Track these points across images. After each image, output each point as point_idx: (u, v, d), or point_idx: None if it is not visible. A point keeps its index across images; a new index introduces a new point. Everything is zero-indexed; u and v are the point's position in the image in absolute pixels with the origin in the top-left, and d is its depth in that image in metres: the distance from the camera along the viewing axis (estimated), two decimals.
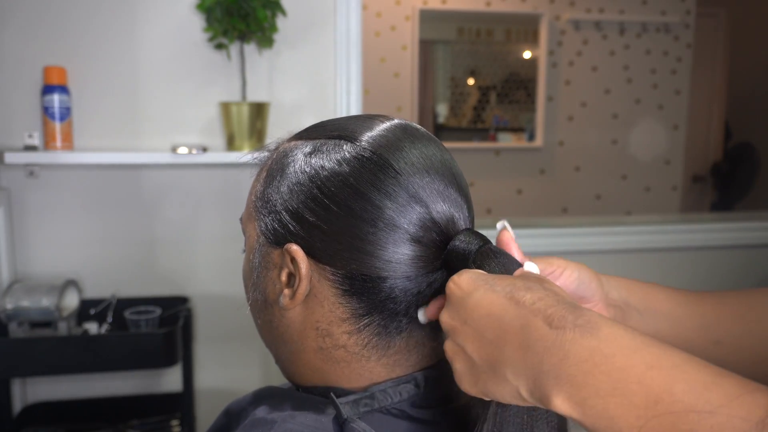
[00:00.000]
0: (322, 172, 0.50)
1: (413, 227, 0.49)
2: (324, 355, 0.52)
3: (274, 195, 0.52)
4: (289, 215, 0.51)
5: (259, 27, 1.49)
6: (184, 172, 1.62)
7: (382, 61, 3.53)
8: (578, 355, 0.38)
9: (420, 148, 0.51)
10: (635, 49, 3.70)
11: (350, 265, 0.49)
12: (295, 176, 0.51)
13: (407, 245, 0.49)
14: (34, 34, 1.49)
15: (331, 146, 0.51)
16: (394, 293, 0.50)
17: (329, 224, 0.49)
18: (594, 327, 0.38)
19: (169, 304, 1.57)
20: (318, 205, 0.49)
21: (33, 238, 1.56)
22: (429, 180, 0.50)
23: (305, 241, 0.50)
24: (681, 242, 1.96)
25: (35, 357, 1.36)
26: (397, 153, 0.50)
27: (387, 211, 0.48)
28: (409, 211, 0.49)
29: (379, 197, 0.48)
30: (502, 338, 0.41)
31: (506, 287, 0.43)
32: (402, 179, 0.49)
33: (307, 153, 0.52)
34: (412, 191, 0.49)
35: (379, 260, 0.49)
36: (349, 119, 0.55)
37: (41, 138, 1.50)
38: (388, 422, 0.50)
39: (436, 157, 0.52)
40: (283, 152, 0.54)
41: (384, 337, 0.52)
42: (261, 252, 0.54)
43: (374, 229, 0.48)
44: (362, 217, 0.48)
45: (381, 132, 0.52)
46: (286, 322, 0.53)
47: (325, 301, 0.51)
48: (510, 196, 3.74)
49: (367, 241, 0.48)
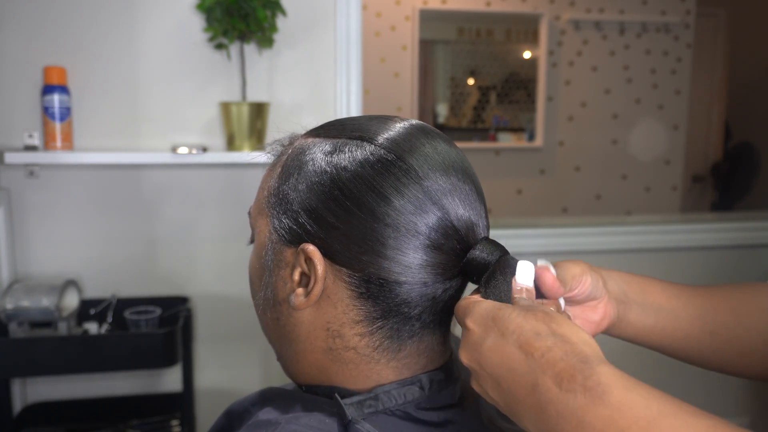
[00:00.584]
0: (344, 174, 0.49)
1: (434, 233, 0.48)
2: (333, 355, 0.52)
3: (291, 193, 0.51)
4: (307, 215, 0.50)
5: (259, 27, 1.49)
6: (184, 172, 1.62)
7: (382, 61, 3.53)
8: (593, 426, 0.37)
9: (441, 154, 0.51)
10: (635, 49, 3.70)
11: (368, 268, 0.49)
12: (315, 176, 0.50)
13: (427, 251, 0.48)
14: (34, 34, 1.49)
15: (353, 147, 0.50)
16: (409, 298, 0.50)
17: (349, 226, 0.48)
18: (605, 391, 0.37)
19: (169, 304, 1.57)
20: (339, 206, 0.49)
21: (33, 238, 1.56)
22: (451, 187, 0.49)
23: (323, 242, 0.49)
24: (681, 242, 1.96)
25: (35, 357, 1.36)
26: (420, 158, 0.50)
27: (409, 215, 0.48)
28: (431, 217, 0.48)
29: (402, 202, 0.48)
30: (516, 392, 0.42)
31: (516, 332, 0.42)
32: (425, 184, 0.48)
33: (327, 152, 0.51)
34: (435, 198, 0.48)
35: (398, 265, 0.48)
36: (368, 120, 0.54)
37: (41, 138, 1.50)
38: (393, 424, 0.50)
39: (457, 162, 0.52)
40: (300, 149, 0.53)
41: (396, 341, 0.51)
42: (273, 249, 0.53)
43: (396, 233, 0.48)
44: (384, 221, 0.48)
45: (402, 135, 0.51)
46: (293, 321, 0.53)
47: (339, 302, 0.50)
48: (510, 196, 3.74)
49: (387, 246, 0.48)
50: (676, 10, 3.70)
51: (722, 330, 0.62)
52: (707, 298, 0.63)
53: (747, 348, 0.61)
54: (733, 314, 0.62)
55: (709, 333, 0.62)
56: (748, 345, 0.61)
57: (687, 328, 0.62)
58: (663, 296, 0.62)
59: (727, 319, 0.62)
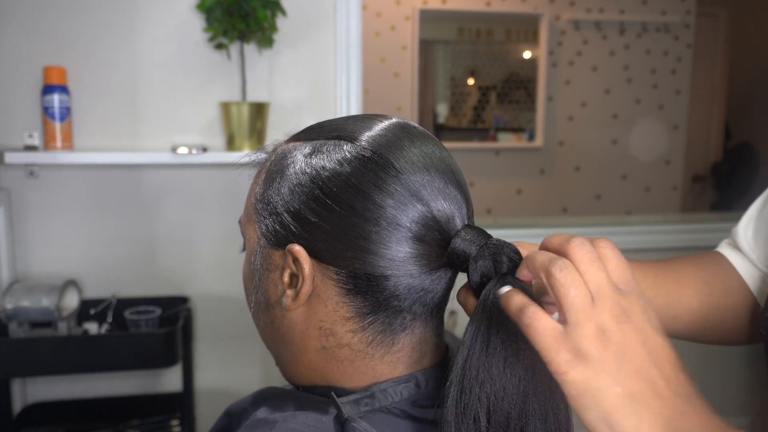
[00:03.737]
0: (323, 173, 0.50)
1: (415, 225, 0.49)
2: (327, 354, 0.53)
3: (274, 197, 0.52)
4: (290, 216, 0.51)
5: (259, 27, 1.49)
6: (184, 172, 1.62)
7: (382, 61, 3.53)
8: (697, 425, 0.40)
9: (419, 147, 0.52)
10: (635, 49, 3.70)
11: (354, 264, 0.49)
12: (296, 177, 0.51)
13: (410, 243, 0.49)
14: (34, 34, 1.49)
15: (331, 147, 0.51)
16: (397, 291, 0.50)
17: (332, 224, 0.49)
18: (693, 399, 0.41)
19: (169, 304, 1.57)
20: (320, 205, 0.49)
21: (33, 238, 1.56)
22: (429, 178, 0.50)
23: (308, 241, 0.50)
24: (681, 242, 1.96)
25: (35, 357, 1.36)
26: (397, 152, 0.50)
27: (389, 209, 0.48)
28: (411, 209, 0.49)
29: (381, 196, 0.48)
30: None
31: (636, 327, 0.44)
32: (403, 178, 0.49)
33: (307, 154, 0.52)
34: (413, 190, 0.49)
35: (382, 259, 0.49)
36: (347, 119, 0.55)
37: (41, 138, 1.50)
38: (389, 422, 0.50)
39: (435, 155, 0.52)
40: (281, 154, 0.54)
41: (388, 335, 0.52)
42: (262, 254, 0.54)
43: (377, 228, 0.48)
44: (365, 216, 0.48)
45: (380, 131, 0.52)
46: (287, 323, 0.54)
47: (328, 300, 0.51)
48: (510, 196, 3.74)
49: (370, 240, 0.49)
50: (676, 10, 3.71)
51: (685, 315, 0.69)
52: (676, 284, 0.69)
53: (707, 328, 0.69)
54: (697, 297, 0.69)
55: (671, 317, 0.68)
56: (708, 325, 0.69)
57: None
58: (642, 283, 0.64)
59: (691, 302, 0.69)
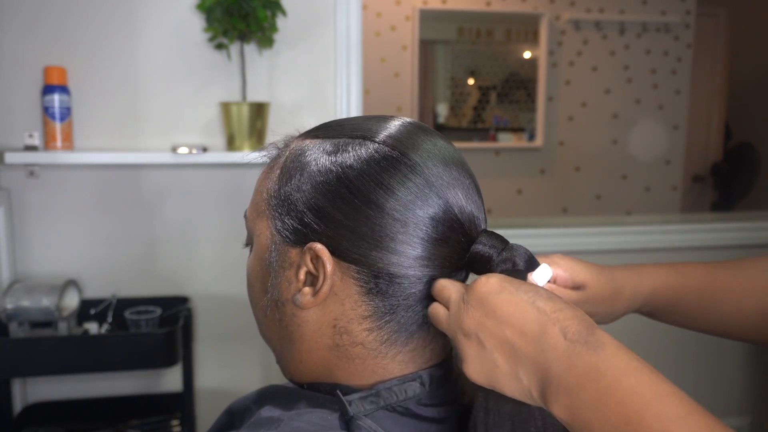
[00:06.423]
0: (350, 171, 0.49)
1: (441, 227, 0.50)
2: (339, 352, 0.52)
3: (294, 194, 0.51)
4: (313, 214, 0.50)
5: (259, 27, 1.49)
6: (184, 172, 1.62)
7: (382, 61, 3.53)
8: (579, 368, 0.41)
9: (441, 149, 0.52)
10: (635, 49, 3.70)
11: (377, 263, 0.49)
12: (321, 175, 0.50)
13: (435, 244, 0.50)
14: (34, 34, 1.49)
15: (356, 145, 0.51)
16: (417, 291, 0.51)
17: (358, 223, 0.49)
18: (599, 345, 0.42)
19: (169, 304, 1.57)
20: (347, 203, 0.49)
21: (33, 238, 1.56)
22: (453, 181, 0.51)
23: (331, 239, 0.50)
24: (681, 242, 1.96)
25: (35, 357, 1.36)
26: (422, 154, 0.51)
27: (417, 210, 0.49)
28: (438, 211, 0.49)
29: (410, 197, 0.49)
30: (520, 338, 0.44)
31: (530, 293, 0.46)
32: (430, 180, 0.50)
33: (330, 151, 0.51)
34: (440, 192, 0.50)
35: (407, 259, 0.49)
36: (366, 119, 0.55)
37: (41, 138, 1.50)
38: (394, 420, 0.50)
39: (456, 157, 0.53)
40: (299, 150, 0.54)
41: (403, 334, 0.52)
42: (277, 251, 0.53)
43: (404, 228, 0.49)
44: (393, 216, 0.48)
45: (402, 132, 0.52)
46: (297, 321, 0.53)
47: (347, 299, 0.51)
48: (510, 196, 3.74)
49: (397, 240, 0.49)
50: (676, 10, 3.70)
51: (660, 314, 0.74)
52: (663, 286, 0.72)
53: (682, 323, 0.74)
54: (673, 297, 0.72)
55: (648, 314, 0.74)
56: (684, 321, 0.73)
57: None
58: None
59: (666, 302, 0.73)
